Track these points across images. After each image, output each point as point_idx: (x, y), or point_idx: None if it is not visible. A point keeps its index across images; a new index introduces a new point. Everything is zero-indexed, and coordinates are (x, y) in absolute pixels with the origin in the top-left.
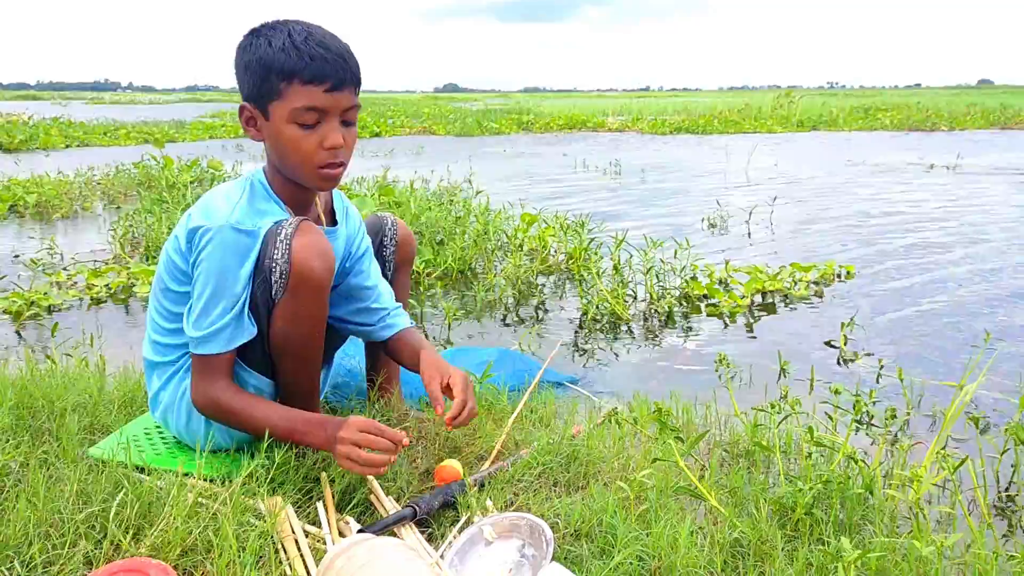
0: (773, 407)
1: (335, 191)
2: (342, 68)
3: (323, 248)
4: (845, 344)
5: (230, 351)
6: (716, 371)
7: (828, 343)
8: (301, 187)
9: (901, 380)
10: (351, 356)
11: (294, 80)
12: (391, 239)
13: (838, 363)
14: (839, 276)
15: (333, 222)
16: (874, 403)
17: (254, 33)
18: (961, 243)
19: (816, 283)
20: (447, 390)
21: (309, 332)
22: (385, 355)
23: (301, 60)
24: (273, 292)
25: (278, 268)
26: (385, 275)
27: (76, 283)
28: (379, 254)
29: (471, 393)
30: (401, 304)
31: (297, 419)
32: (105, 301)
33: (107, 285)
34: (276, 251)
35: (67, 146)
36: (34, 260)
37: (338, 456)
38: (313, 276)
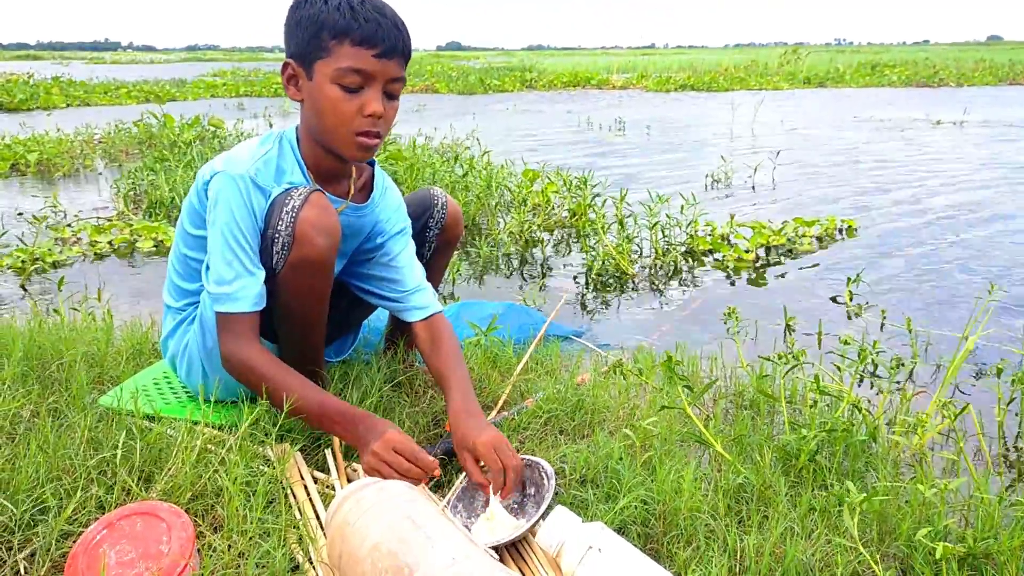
0: (780, 357)
1: (378, 170)
2: (394, 36)
3: (328, 224)
4: (851, 300)
5: (257, 311)
6: (724, 323)
7: (834, 299)
8: (330, 156)
9: (910, 330)
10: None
11: (345, 40)
12: (437, 221)
13: (848, 317)
14: (841, 231)
15: (367, 199)
16: (878, 353)
17: None
18: (966, 198)
19: (819, 238)
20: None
21: (310, 305)
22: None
23: (356, 20)
24: (274, 262)
25: (280, 239)
26: (422, 255)
27: (80, 239)
28: (422, 233)
29: (504, 452)
30: (430, 287)
31: (331, 407)
32: (108, 256)
33: (110, 241)
34: (280, 222)
35: (68, 105)
36: (36, 217)
37: (365, 464)
38: (314, 253)
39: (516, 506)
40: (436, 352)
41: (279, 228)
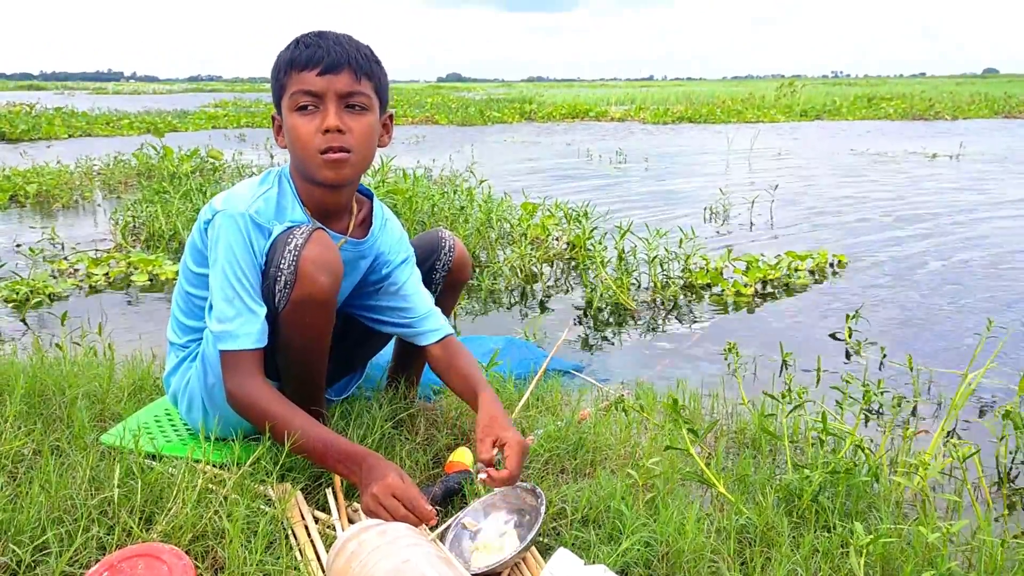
0: (784, 396)
1: (377, 203)
2: (336, 51)
3: (331, 262)
4: (850, 336)
5: (260, 348)
6: (725, 359)
7: (833, 335)
8: (318, 188)
9: (911, 368)
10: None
11: (291, 69)
12: (444, 264)
13: (847, 356)
14: (832, 265)
15: (367, 233)
16: (882, 392)
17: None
18: (963, 232)
19: (812, 271)
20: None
21: (312, 342)
22: (424, 362)
23: (298, 49)
24: (276, 300)
25: (283, 277)
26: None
27: (77, 271)
28: (429, 275)
29: (522, 461)
30: (439, 311)
31: (333, 446)
32: (103, 290)
33: (106, 274)
34: (283, 260)
35: (69, 136)
36: (33, 249)
37: (363, 506)
38: (317, 291)
39: (507, 529)
40: (456, 366)
41: (281, 266)
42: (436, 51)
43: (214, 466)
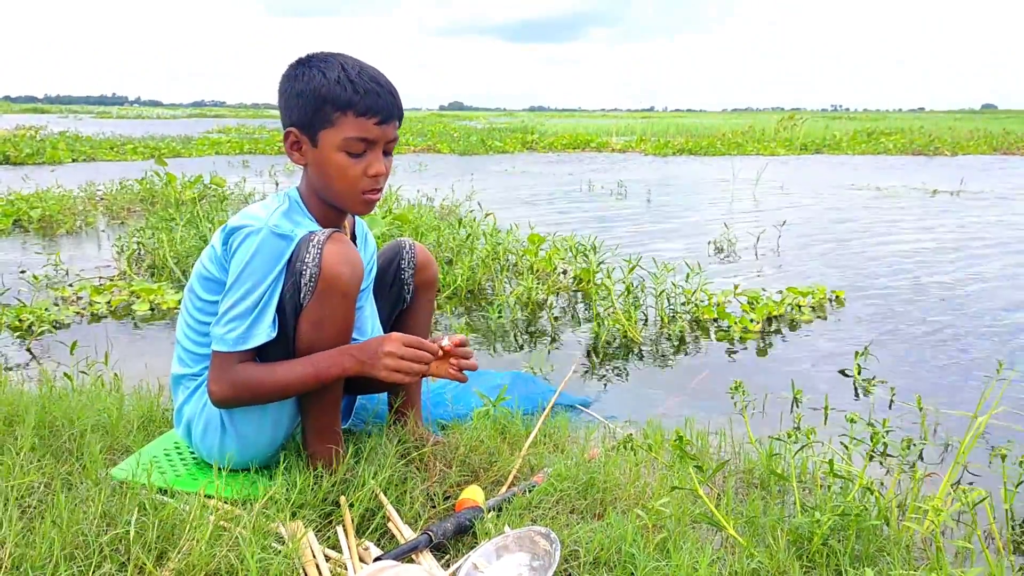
0: (790, 436)
1: (359, 220)
2: (391, 103)
3: (353, 257)
4: (859, 373)
5: (245, 350)
6: (731, 398)
7: (843, 372)
8: (334, 210)
9: (920, 408)
10: None
11: (349, 111)
12: (409, 262)
13: (855, 394)
14: (831, 301)
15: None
16: (887, 432)
17: (304, 64)
18: (965, 269)
19: (813, 308)
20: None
21: (334, 337)
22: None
23: (356, 93)
24: (301, 296)
25: (308, 271)
26: (403, 298)
27: (80, 298)
28: (397, 277)
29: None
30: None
31: (318, 358)
32: (105, 317)
33: (108, 302)
34: (308, 255)
35: (73, 160)
36: (36, 276)
37: (384, 371)
38: (341, 281)
39: (526, 573)
40: None
41: (306, 260)
42: (439, 79)
43: (225, 502)
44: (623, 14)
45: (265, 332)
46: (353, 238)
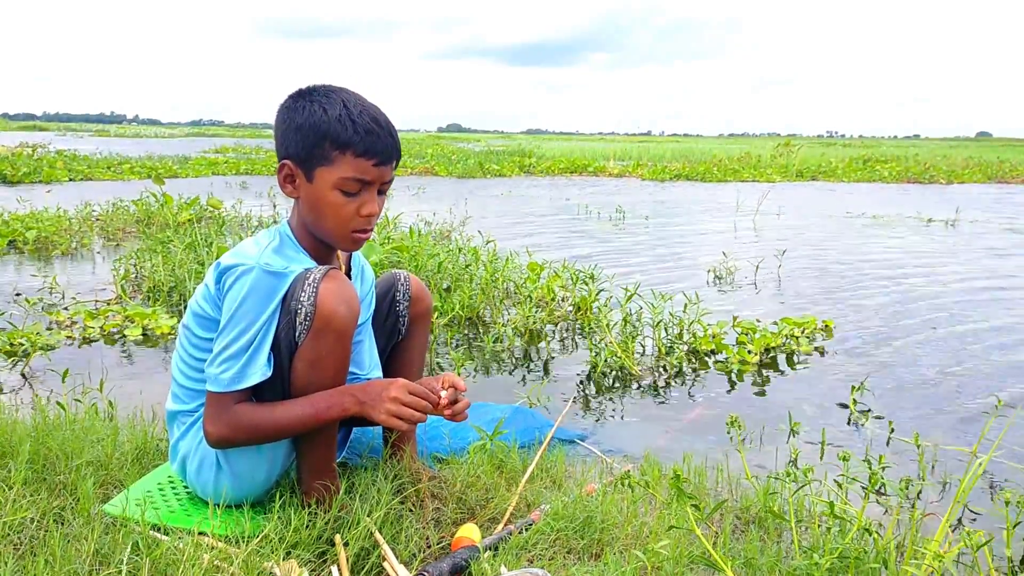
0: (788, 475)
1: (355, 253)
2: (390, 145)
3: (349, 295)
4: (855, 406)
5: (239, 389)
6: (728, 433)
7: (842, 404)
8: (325, 244)
9: (917, 445)
10: None
11: (347, 151)
12: (404, 294)
13: (852, 428)
14: (824, 331)
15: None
16: (884, 468)
17: (305, 97)
18: (964, 301)
19: (811, 339)
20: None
21: (330, 377)
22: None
23: (357, 133)
24: (296, 334)
25: (303, 310)
26: (399, 330)
27: (75, 323)
28: (392, 309)
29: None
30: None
31: (318, 398)
32: (96, 340)
33: (101, 327)
34: (303, 293)
35: (70, 179)
36: (29, 300)
37: (383, 413)
38: (337, 320)
39: None
40: None
41: (301, 299)
42: (437, 101)
43: (219, 539)
44: (622, 40)
45: (260, 372)
46: (349, 271)
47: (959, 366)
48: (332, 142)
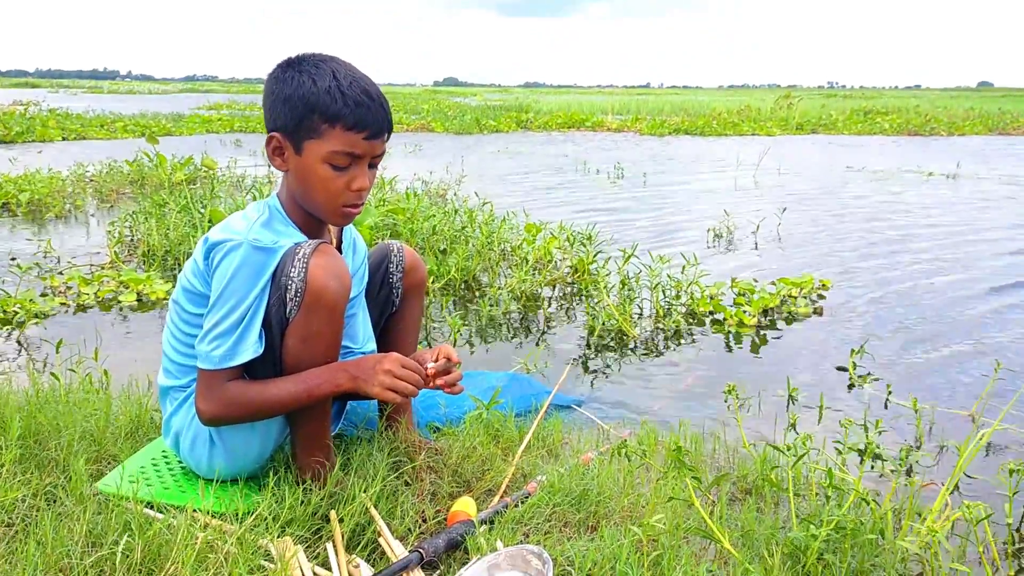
0: (788, 448)
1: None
2: (381, 117)
3: (340, 269)
4: (854, 370)
5: (231, 367)
6: (724, 401)
7: (839, 367)
8: (315, 217)
9: (916, 410)
10: None
11: (337, 124)
12: (397, 265)
13: (849, 387)
14: (823, 290)
15: (339, 252)
16: (880, 433)
17: (293, 67)
18: (963, 257)
19: (806, 297)
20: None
21: (322, 352)
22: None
23: (347, 106)
24: (288, 310)
25: (293, 286)
26: (392, 302)
27: (70, 288)
28: (386, 280)
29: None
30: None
31: (310, 375)
32: (91, 307)
33: (96, 292)
34: (293, 269)
35: (64, 139)
36: (20, 266)
37: (377, 387)
38: (328, 295)
39: None
40: None
41: (291, 275)
42: (433, 54)
43: (213, 516)
44: None
45: (251, 348)
46: (340, 244)
47: (958, 325)
48: (321, 115)
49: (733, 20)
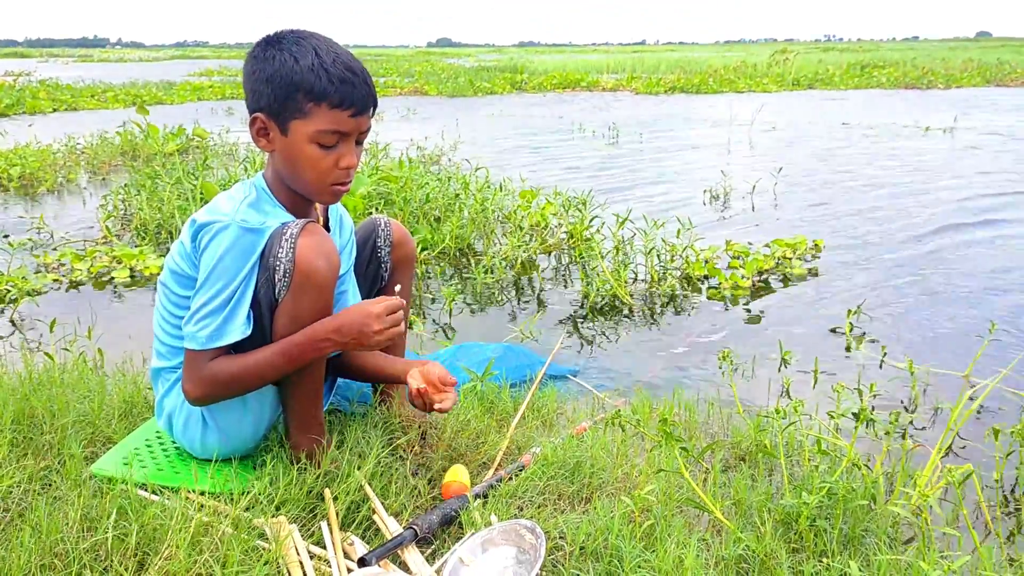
0: (778, 412)
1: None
2: (366, 94)
3: (328, 249)
4: (850, 331)
5: (217, 347)
6: (719, 367)
7: (833, 330)
8: (303, 197)
9: (912, 372)
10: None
11: (322, 102)
12: (385, 240)
13: (847, 348)
14: (814, 250)
15: (326, 230)
16: (874, 396)
17: (273, 45)
18: (958, 216)
19: (800, 258)
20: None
21: None
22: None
23: (332, 83)
24: (276, 291)
25: (282, 266)
26: (382, 276)
27: (63, 264)
28: (374, 255)
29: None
30: None
31: (292, 343)
32: (84, 283)
33: (88, 268)
34: (280, 249)
35: (54, 110)
36: (12, 243)
37: (378, 344)
38: (316, 275)
39: (511, 567)
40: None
41: (279, 255)
42: (425, 15)
43: (204, 495)
44: None
45: (239, 329)
46: (327, 223)
47: (951, 285)
48: (306, 94)
49: None
